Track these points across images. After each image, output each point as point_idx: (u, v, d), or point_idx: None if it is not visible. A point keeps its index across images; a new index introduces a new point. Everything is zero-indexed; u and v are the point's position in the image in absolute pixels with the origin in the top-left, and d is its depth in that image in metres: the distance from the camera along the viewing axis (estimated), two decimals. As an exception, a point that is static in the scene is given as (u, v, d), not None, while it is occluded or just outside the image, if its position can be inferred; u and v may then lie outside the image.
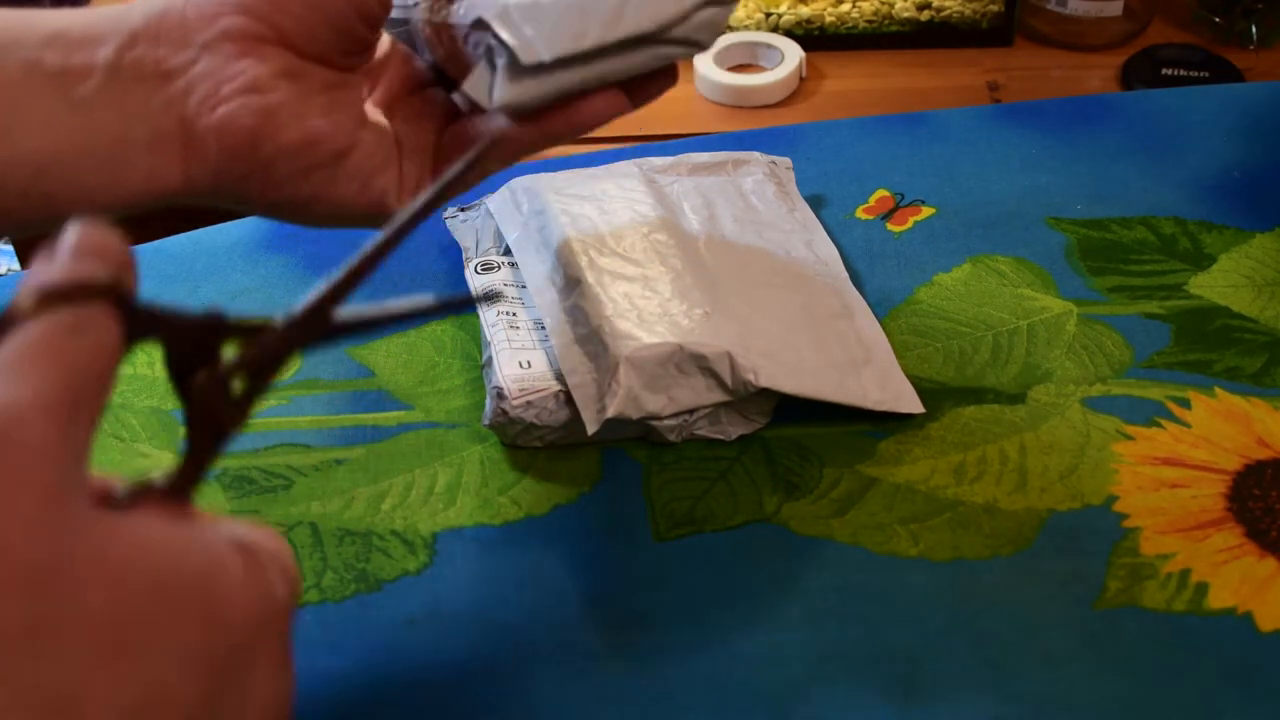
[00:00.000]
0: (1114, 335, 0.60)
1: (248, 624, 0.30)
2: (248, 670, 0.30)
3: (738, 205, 0.63)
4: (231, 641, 0.29)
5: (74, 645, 0.26)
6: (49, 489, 0.27)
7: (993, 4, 0.83)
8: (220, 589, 0.29)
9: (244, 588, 0.30)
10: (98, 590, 0.27)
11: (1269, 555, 0.50)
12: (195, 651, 0.28)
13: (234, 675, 0.29)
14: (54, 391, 0.28)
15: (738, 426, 0.55)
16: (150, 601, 0.28)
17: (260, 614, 0.30)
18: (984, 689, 0.46)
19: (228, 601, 0.29)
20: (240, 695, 0.29)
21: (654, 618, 0.49)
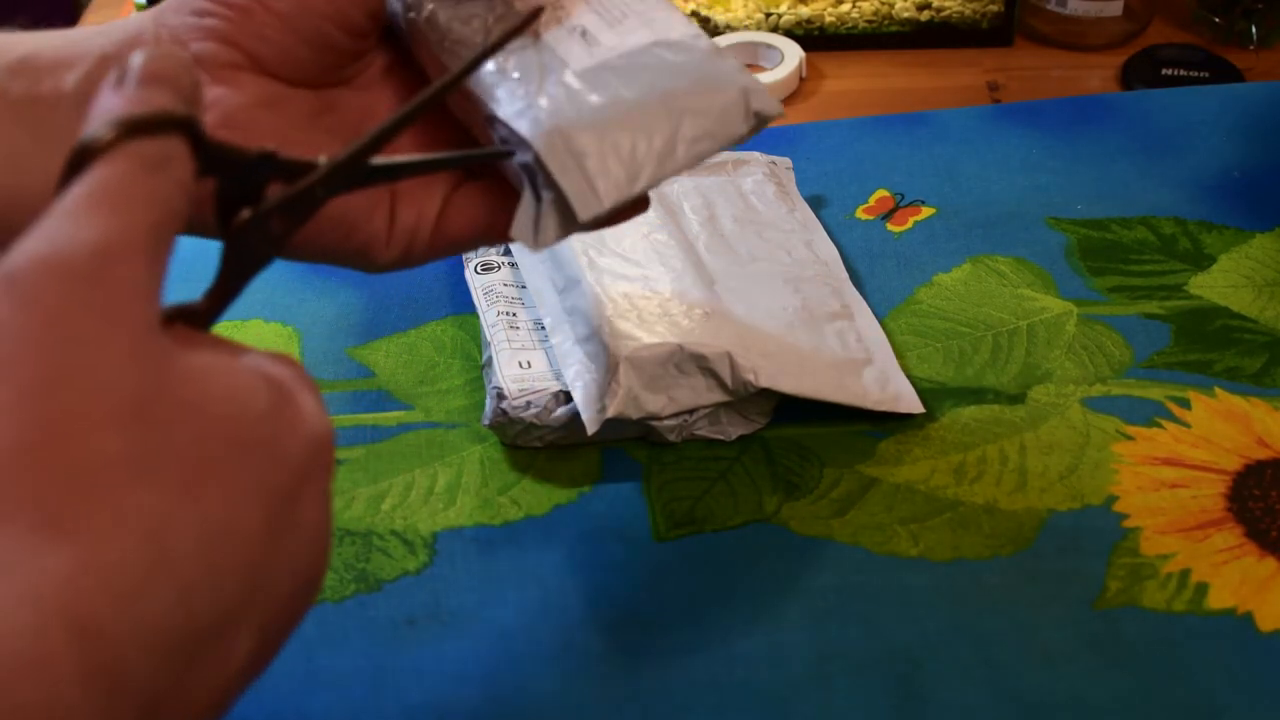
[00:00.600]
0: (1114, 335, 0.60)
1: (304, 456, 0.31)
2: (300, 500, 0.31)
3: (738, 205, 0.63)
4: (290, 473, 0.30)
5: (164, 475, 0.27)
6: (141, 326, 0.28)
7: (993, 4, 0.83)
8: (282, 423, 0.30)
9: (301, 421, 0.31)
10: (184, 425, 0.28)
11: (1269, 555, 0.50)
12: (262, 483, 0.29)
13: (290, 506, 0.30)
14: (141, 229, 0.28)
15: (738, 426, 0.55)
16: (227, 436, 0.29)
17: (313, 447, 0.31)
18: (984, 689, 0.46)
19: (289, 435, 0.30)
20: (294, 524, 0.30)
21: (654, 618, 0.49)
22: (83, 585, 0.25)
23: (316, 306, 0.63)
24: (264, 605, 0.30)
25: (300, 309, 0.63)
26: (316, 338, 0.62)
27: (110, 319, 0.27)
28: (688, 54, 0.42)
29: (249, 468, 0.29)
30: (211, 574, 0.28)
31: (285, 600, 0.31)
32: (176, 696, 0.28)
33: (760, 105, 0.41)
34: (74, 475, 0.26)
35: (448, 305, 0.63)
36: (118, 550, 0.26)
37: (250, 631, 0.30)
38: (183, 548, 0.27)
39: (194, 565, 0.27)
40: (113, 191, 0.28)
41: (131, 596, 0.26)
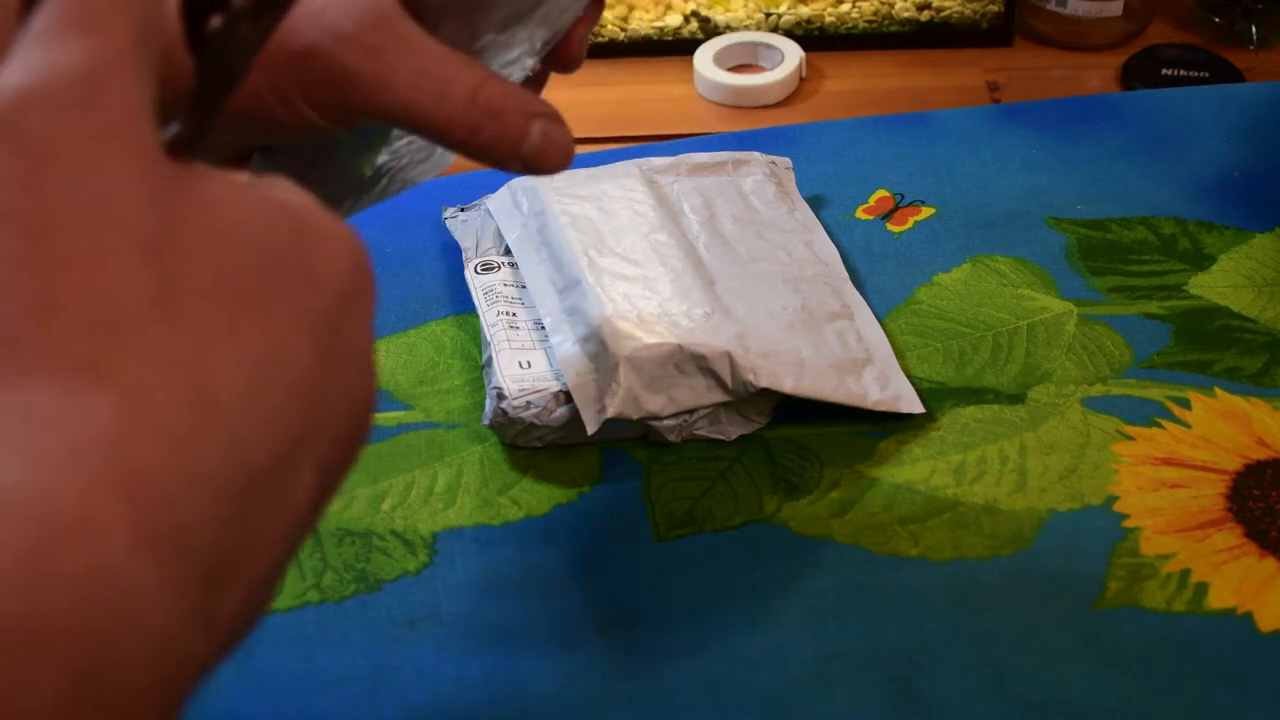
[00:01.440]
0: (1114, 335, 0.60)
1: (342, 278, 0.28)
2: (344, 326, 0.28)
3: (738, 205, 0.63)
4: (331, 297, 0.28)
5: (197, 313, 0.25)
6: (146, 150, 0.25)
7: (993, 4, 0.83)
8: (313, 246, 0.28)
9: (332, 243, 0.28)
10: (208, 257, 0.26)
11: (1269, 555, 0.50)
12: (302, 310, 0.27)
13: (335, 332, 0.28)
14: (126, 43, 0.26)
15: (738, 426, 0.55)
16: (255, 264, 0.26)
17: (349, 267, 0.29)
18: (984, 689, 0.46)
19: (322, 258, 0.28)
20: (341, 352, 0.28)
21: (654, 618, 0.49)
22: (131, 436, 0.23)
23: (316, 306, 0.63)
24: (321, 441, 0.28)
25: (300, 309, 0.63)
26: (316, 338, 0.62)
27: (111, 145, 0.25)
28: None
29: (286, 296, 0.27)
30: (263, 413, 0.26)
31: (342, 434, 0.29)
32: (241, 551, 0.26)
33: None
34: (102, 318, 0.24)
35: (448, 305, 0.63)
36: (162, 395, 0.24)
37: (311, 470, 0.28)
38: (229, 388, 0.25)
39: (244, 405, 0.25)
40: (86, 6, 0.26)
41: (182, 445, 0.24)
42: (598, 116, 0.81)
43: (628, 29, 1.01)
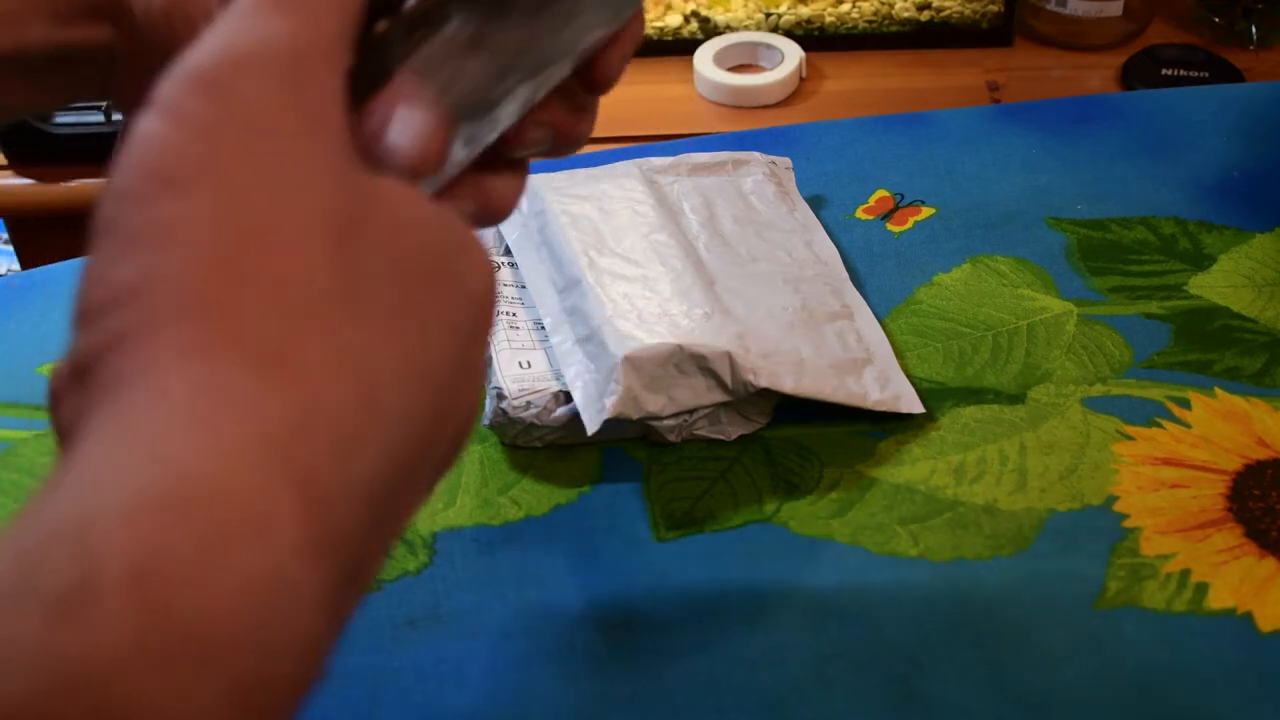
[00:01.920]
0: (1114, 335, 0.60)
1: (485, 295, 0.29)
2: (476, 342, 0.29)
3: (738, 205, 0.63)
4: (475, 311, 0.28)
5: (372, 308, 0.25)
6: (342, 139, 0.25)
7: (993, 4, 0.83)
8: (469, 259, 0.28)
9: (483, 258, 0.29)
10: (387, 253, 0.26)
11: (1269, 555, 0.50)
12: (453, 321, 0.27)
13: (469, 347, 0.28)
14: (332, 29, 0.26)
15: (738, 426, 0.55)
16: (424, 269, 0.27)
17: (490, 286, 0.29)
18: (984, 689, 0.46)
19: (475, 271, 0.28)
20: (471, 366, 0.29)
21: (654, 618, 0.49)
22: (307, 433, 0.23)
23: (316, 306, 0.63)
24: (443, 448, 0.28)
25: (300, 309, 0.63)
26: (316, 338, 0.62)
27: (313, 126, 0.25)
28: None
29: (443, 303, 0.27)
30: (411, 417, 0.26)
31: (456, 442, 0.29)
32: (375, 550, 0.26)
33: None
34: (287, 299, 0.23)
35: (448, 305, 0.63)
36: (337, 393, 0.23)
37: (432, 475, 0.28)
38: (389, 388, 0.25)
39: (398, 408, 0.25)
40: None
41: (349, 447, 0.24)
42: (598, 116, 0.81)
43: (628, 29, 1.01)
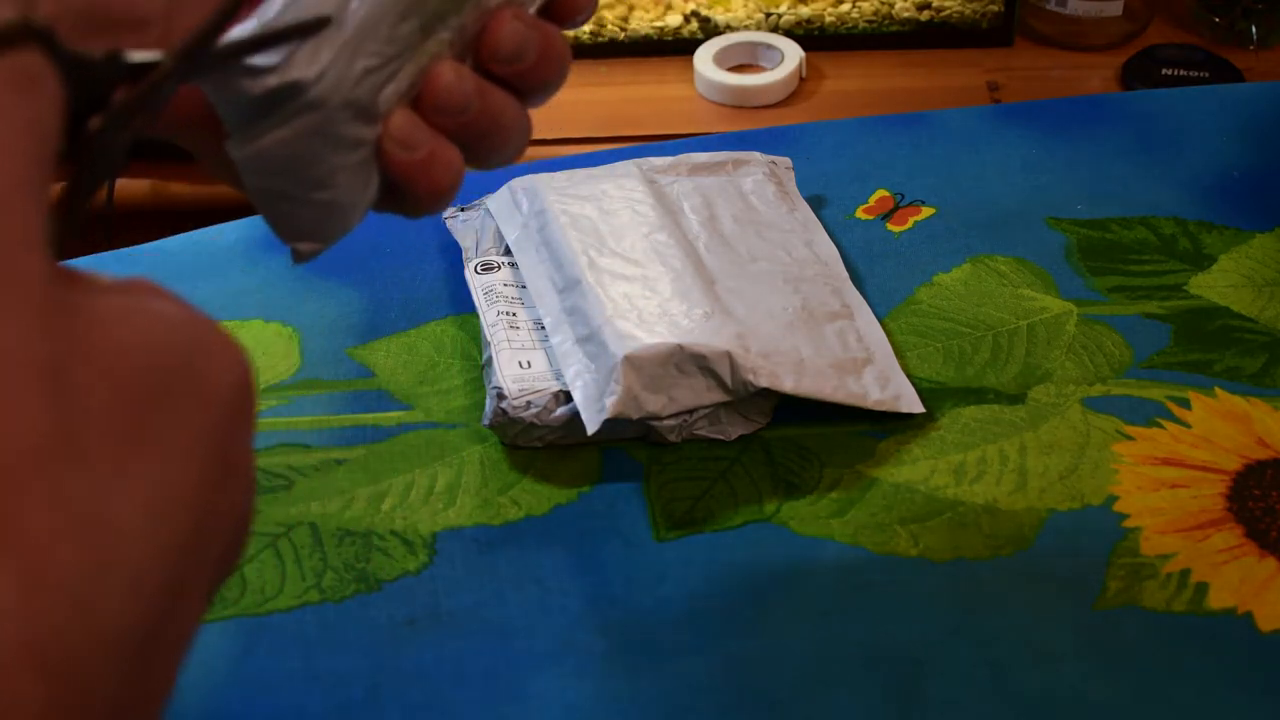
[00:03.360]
0: (1114, 335, 0.60)
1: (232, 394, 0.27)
2: (232, 445, 0.27)
3: (738, 205, 0.63)
4: (221, 416, 0.27)
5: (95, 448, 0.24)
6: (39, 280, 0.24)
7: (993, 4, 0.83)
8: (207, 362, 0.27)
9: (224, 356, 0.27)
10: (103, 385, 0.24)
11: (1269, 555, 0.50)
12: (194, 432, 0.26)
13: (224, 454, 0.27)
14: (21, 164, 0.24)
15: (738, 426, 0.55)
16: (148, 388, 0.25)
17: (239, 382, 0.27)
18: (984, 689, 0.46)
19: (215, 374, 0.27)
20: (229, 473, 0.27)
21: (654, 618, 0.49)
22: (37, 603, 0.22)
23: (316, 306, 0.63)
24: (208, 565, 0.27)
25: (300, 309, 0.63)
26: (316, 338, 0.62)
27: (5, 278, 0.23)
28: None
29: (180, 420, 0.26)
30: (159, 550, 0.25)
31: (226, 554, 0.28)
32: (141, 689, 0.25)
33: None
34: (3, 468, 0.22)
35: (448, 305, 0.63)
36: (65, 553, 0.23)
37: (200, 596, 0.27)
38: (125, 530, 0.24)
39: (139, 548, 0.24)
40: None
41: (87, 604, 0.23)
42: (598, 116, 0.81)
43: (628, 29, 1.01)
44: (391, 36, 0.36)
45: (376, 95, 0.36)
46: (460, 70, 0.37)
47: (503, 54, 0.38)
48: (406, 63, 0.37)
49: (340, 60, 0.36)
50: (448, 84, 0.36)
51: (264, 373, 0.60)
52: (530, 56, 0.38)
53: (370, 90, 0.36)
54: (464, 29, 0.38)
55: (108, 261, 0.65)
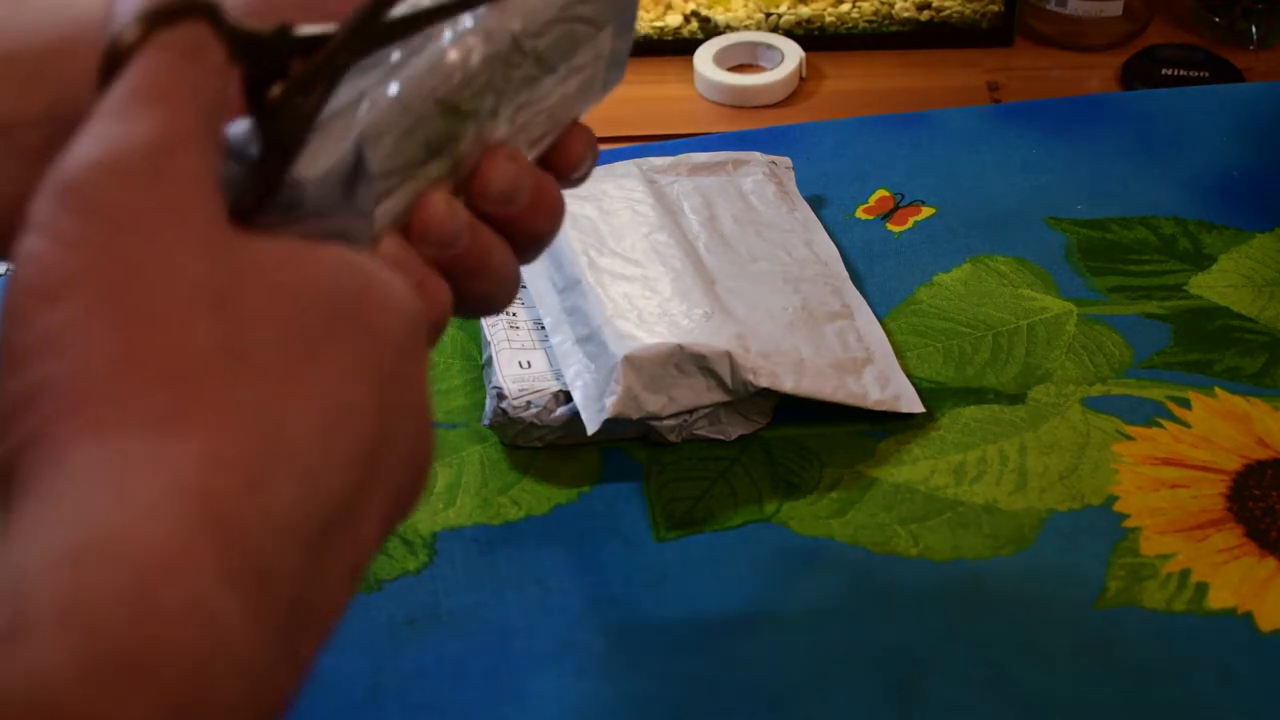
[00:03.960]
0: (1114, 335, 0.60)
1: (402, 333, 0.30)
2: (403, 380, 0.30)
3: (738, 205, 0.63)
4: (391, 350, 0.29)
5: (262, 361, 0.27)
6: (207, 219, 0.27)
7: (993, 4, 0.83)
8: (374, 301, 0.30)
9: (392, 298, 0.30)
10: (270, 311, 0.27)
11: (1269, 555, 0.50)
12: (366, 362, 0.29)
13: (395, 385, 0.30)
14: (190, 120, 0.28)
15: (738, 426, 0.55)
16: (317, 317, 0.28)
17: (409, 323, 0.30)
18: (984, 689, 0.46)
19: (382, 312, 0.30)
20: (401, 404, 0.30)
21: (654, 618, 0.49)
22: (212, 479, 0.25)
23: (316, 306, 0.63)
24: (383, 487, 0.29)
25: (300, 309, 0.63)
26: (316, 338, 0.62)
27: (176, 215, 0.27)
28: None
29: (350, 347, 0.28)
30: (331, 456, 0.27)
31: (402, 485, 0.30)
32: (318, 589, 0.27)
33: None
34: (174, 369, 0.26)
35: (448, 305, 0.63)
36: (237, 439, 0.26)
37: (376, 516, 0.29)
38: (298, 432, 0.27)
39: (313, 449, 0.27)
40: (155, 84, 0.28)
41: (259, 486, 0.26)
42: (598, 116, 0.81)
43: (628, 29, 1.01)
44: (395, 150, 0.35)
45: (374, 207, 0.35)
46: (453, 202, 0.36)
47: (493, 193, 0.37)
48: (407, 180, 0.36)
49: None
50: (440, 214, 0.36)
51: (264, 373, 0.60)
52: (521, 200, 0.38)
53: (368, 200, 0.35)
54: (463, 160, 0.37)
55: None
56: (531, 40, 0.38)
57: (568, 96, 0.40)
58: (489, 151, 0.38)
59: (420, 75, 0.35)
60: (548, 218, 0.39)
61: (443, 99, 0.36)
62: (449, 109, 0.36)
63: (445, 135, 0.37)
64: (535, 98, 0.39)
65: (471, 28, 0.37)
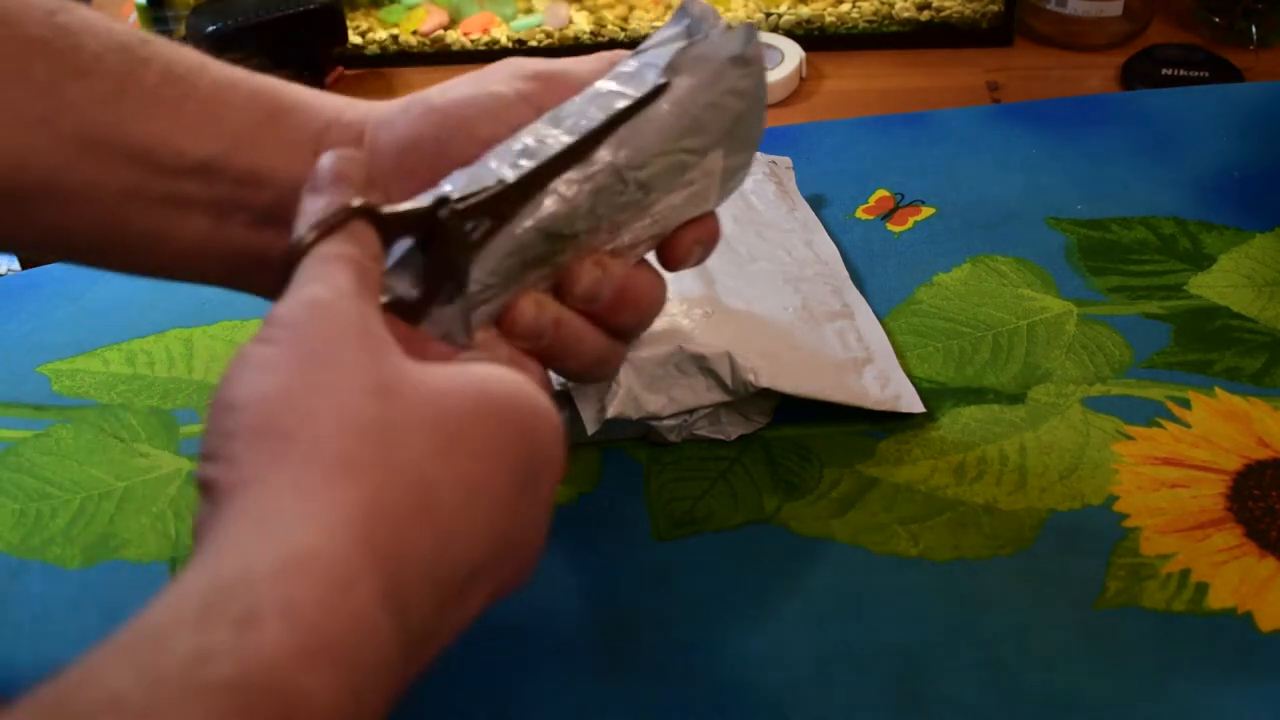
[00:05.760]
0: (1114, 335, 0.60)
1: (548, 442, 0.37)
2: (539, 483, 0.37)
3: (738, 205, 0.63)
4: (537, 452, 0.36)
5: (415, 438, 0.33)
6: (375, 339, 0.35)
7: (993, 4, 0.83)
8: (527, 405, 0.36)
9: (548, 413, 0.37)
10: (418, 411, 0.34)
11: (1269, 555, 0.50)
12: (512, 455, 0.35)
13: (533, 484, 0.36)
14: (353, 284, 0.36)
15: (738, 426, 0.55)
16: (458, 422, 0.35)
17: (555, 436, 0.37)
18: (984, 689, 0.46)
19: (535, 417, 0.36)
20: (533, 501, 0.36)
21: (654, 618, 0.49)
22: (374, 517, 0.32)
23: (316, 306, 0.63)
24: (500, 569, 0.36)
25: (300, 309, 0.63)
26: (316, 338, 0.62)
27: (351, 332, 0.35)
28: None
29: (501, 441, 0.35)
30: (466, 526, 0.34)
31: (508, 579, 0.37)
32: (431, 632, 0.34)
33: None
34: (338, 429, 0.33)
35: (448, 305, 0.63)
36: (392, 492, 0.32)
37: (488, 590, 0.36)
38: (442, 500, 0.33)
39: (452, 517, 0.33)
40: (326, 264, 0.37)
41: (405, 533, 0.32)
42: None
43: (628, 29, 1.01)
44: (496, 269, 0.42)
45: (471, 313, 0.42)
46: (542, 304, 0.43)
47: (577, 294, 0.44)
48: (504, 292, 0.43)
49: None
50: (526, 316, 0.43)
51: (264, 373, 0.60)
52: (604, 299, 0.44)
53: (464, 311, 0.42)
54: (561, 267, 0.44)
55: (108, 261, 0.65)
56: (634, 172, 0.43)
57: (674, 207, 0.45)
58: (578, 258, 0.44)
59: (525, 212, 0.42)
60: (633, 313, 0.45)
61: (545, 228, 0.42)
62: (550, 236, 0.42)
63: (545, 253, 0.43)
64: (639, 213, 0.44)
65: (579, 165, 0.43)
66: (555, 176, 0.42)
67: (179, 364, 0.61)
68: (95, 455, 0.56)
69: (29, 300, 0.65)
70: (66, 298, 0.64)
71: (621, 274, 0.44)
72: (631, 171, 0.43)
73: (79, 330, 0.63)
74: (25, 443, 0.57)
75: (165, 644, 0.28)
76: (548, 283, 0.44)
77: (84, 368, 0.61)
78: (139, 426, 0.58)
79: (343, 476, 0.32)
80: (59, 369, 0.61)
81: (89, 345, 0.62)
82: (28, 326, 0.63)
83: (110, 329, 0.63)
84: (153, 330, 0.62)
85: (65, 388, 0.60)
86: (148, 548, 0.52)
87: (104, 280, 0.65)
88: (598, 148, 0.43)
